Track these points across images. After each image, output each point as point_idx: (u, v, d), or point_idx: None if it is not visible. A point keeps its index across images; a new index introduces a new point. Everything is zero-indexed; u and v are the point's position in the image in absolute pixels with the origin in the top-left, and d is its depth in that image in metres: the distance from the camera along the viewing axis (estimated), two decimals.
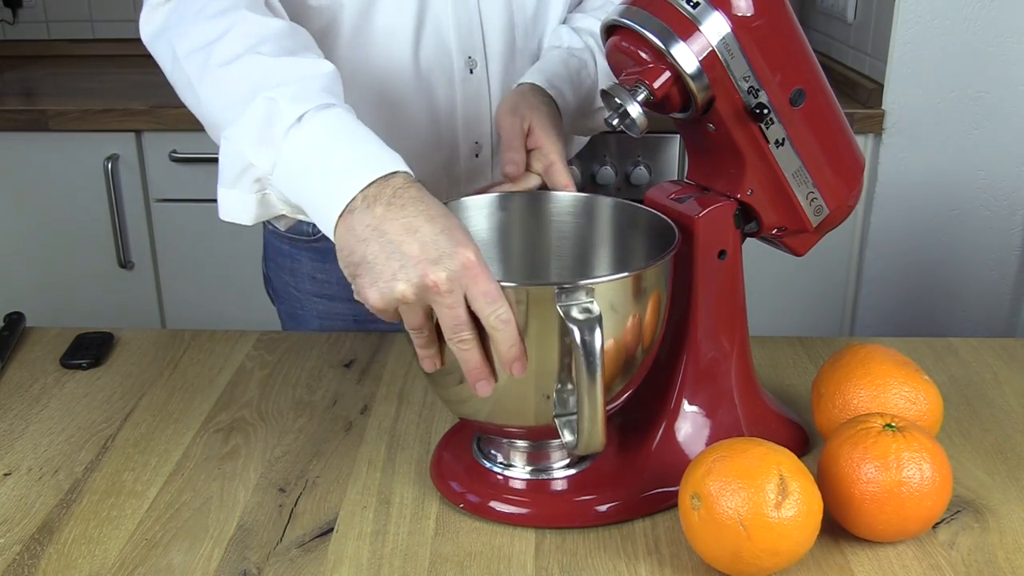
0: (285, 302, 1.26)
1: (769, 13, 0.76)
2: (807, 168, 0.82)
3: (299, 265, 1.20)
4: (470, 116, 1.09)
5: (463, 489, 0.81)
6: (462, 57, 1.06)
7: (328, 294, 1.20)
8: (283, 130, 0.76)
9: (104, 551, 0.77)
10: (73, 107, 1.92)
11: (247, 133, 0.78)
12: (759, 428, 0.86)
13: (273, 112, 0.77)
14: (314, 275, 1.19)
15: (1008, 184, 1.91)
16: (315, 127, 0.76)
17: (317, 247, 1.17)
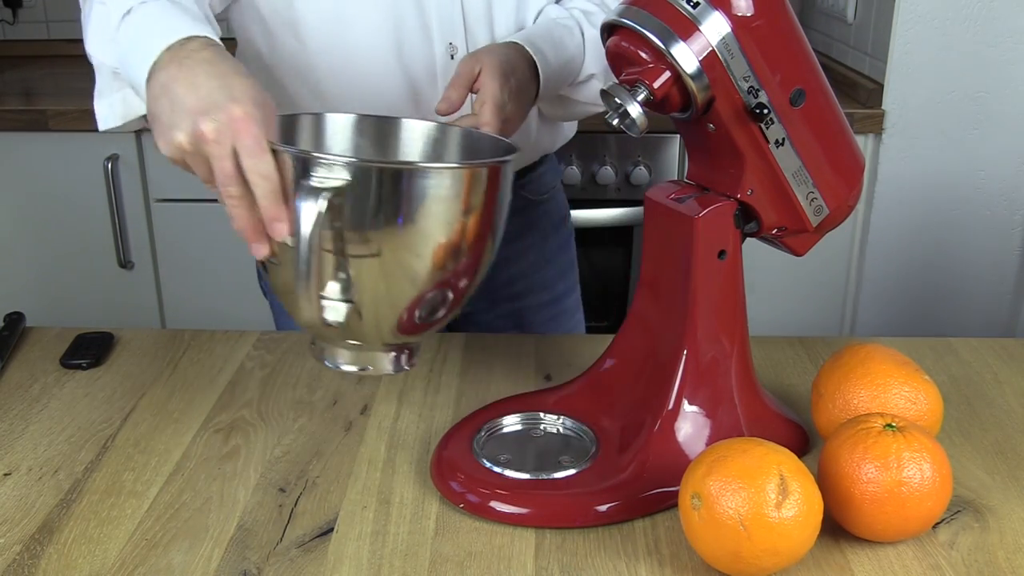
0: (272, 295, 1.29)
1: (769, 13, 0.76)
2: (807, 168, 0.82)
3: None
4: None
5: (463, 489, 0.81)
6: (443, 44, 1.08)
7: None
8: (116, 23, 0.84)
9: (104, 551, 0.77)
10: (73, 107, 1.92)
11: (95, 38, 0.86)
12: (759, 428, 0.86)
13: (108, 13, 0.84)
14: None
15: (1008, 184, 1.91)
16: (139, 16, 0.83)
17: None
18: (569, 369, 1.03)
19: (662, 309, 0.86)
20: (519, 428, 0.89)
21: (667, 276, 0.85)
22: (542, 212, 1.28)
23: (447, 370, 1.04)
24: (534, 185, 1.25)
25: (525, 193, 1.24)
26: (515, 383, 1.01)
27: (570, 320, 1.33)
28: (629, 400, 0.88)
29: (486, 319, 1.28)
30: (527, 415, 0.90)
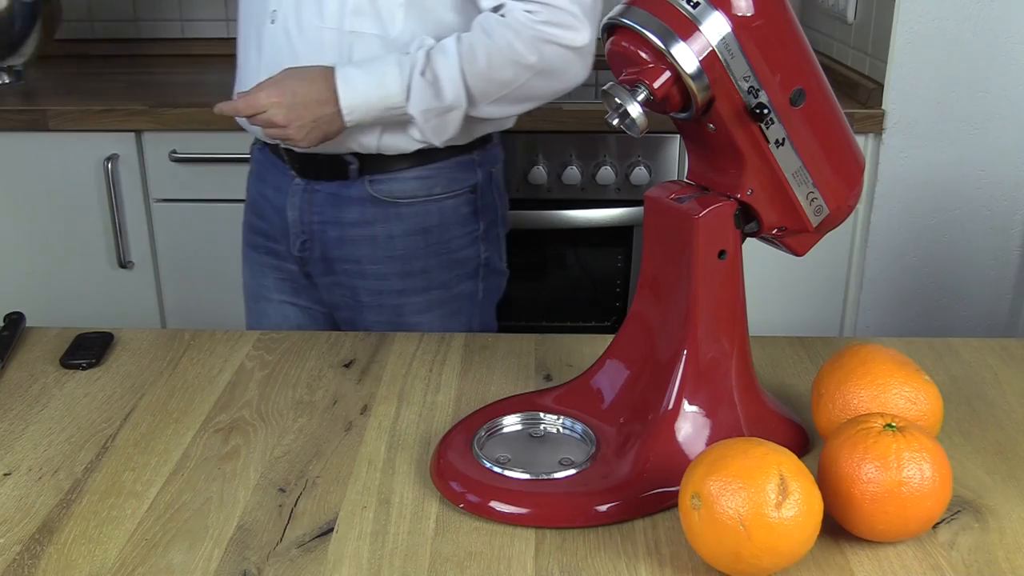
0: None
1: (769, 13, 0.76)
2: (807, 168, 0.82)
3: None
4: None
5: (463, 489, 0.81)
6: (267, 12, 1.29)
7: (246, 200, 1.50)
8: None
9: (104, 551, 0.77)
10: (73, 107, 1.92)
11: None
12: (759, 428, 0.86)
13: None
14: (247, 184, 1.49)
15: (1008, 184, 1.91)
16: None
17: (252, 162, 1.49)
18: (569, 369, 1.03)
19: (662, 309, 0.86)
20: (519, 428, 0.89)
21: (667, 276, 0.85)
22: (391, 214, 1.35)
23: (447, 370, 1.04)
24: (385, 186, 1.34)
25: (371, 190, 1.34)
26: (515, 383, 1.01)
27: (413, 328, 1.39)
28: (629, 400, 0.88)
29: (324, 282, 1.41)
30: (527, 415, 0.90)
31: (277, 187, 1.40)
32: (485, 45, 1.22)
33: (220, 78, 2.31)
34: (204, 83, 2.27)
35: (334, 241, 1.37)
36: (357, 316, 1.43)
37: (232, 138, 1.95)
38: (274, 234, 1.43)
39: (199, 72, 2.32)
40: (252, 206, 1.47)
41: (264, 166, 1.43)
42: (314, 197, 1.36)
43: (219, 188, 1.99)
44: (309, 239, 1.39)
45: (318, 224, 1.37)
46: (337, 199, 1.35)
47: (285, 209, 1.39)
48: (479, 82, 1.24)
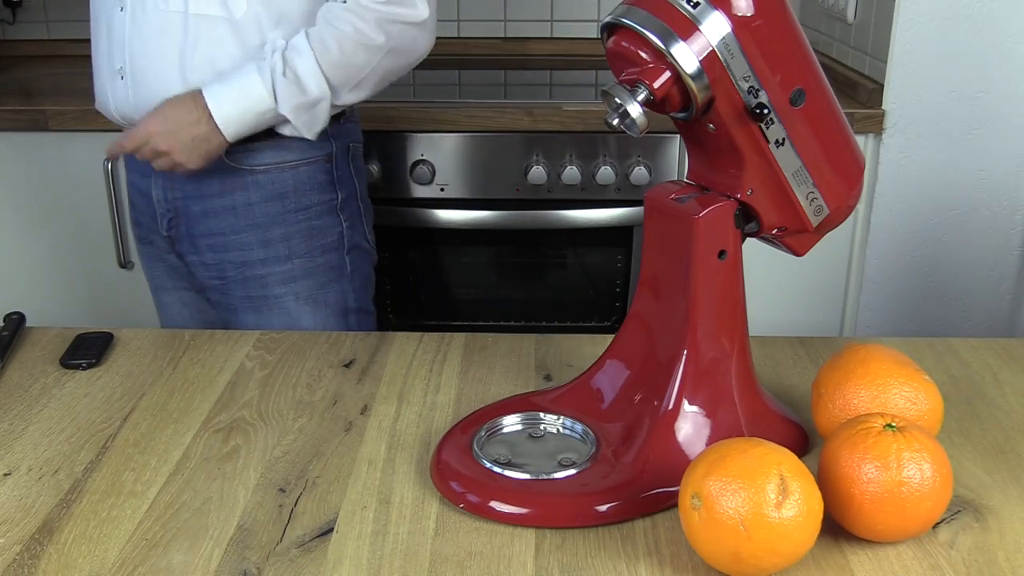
0: None
1: (769, 13, 0.76)
2: (807, 168, 0.82)
3: None
4: None
5: (463, 489, 0.81)
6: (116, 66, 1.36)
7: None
8: None
9: (104, 551, 0.77)
10: (73, 107, 1.92)
11: None
12: (759, 428, 0.86)
13: None
14: None
15: (1008, 184, 1.91)
16: None
17: None
18: (569, 369, 1.03)
19: (662, 309, 0.86)
20: (519, 428, 0.89)
21: (667, 276, 0.85)
22: (249, 182, 1.41)
23: (447, 370, 1.04)
24: (237, 156, 1.38)
25: (227, 160, 1.38)
26: (515, 383, 1.01)
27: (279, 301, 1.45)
28: (629, 400, 0.88)
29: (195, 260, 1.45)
30: (527, 415, 0.90)
31: (142, 172, 1.45)
32: (334, 35, 1.30)
33: None
34: None
35: (197, 215, 1.42)
36: (226, 295, 1.46)
37: None
38: (147, 221, 1.49)
39: None
40: (129, 199, 1.54)
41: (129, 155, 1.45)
42: (173, 175, 1.40)
43: None
44: (174, 216, 1.44)
45: (181, 200, 1.42)
46: (195, 174, 1.39)
47: (149, 192, 1.45)
48: (336, 71, 1.32)
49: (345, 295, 1.49)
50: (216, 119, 1.31)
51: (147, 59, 1.34)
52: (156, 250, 1.52)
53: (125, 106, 1.38)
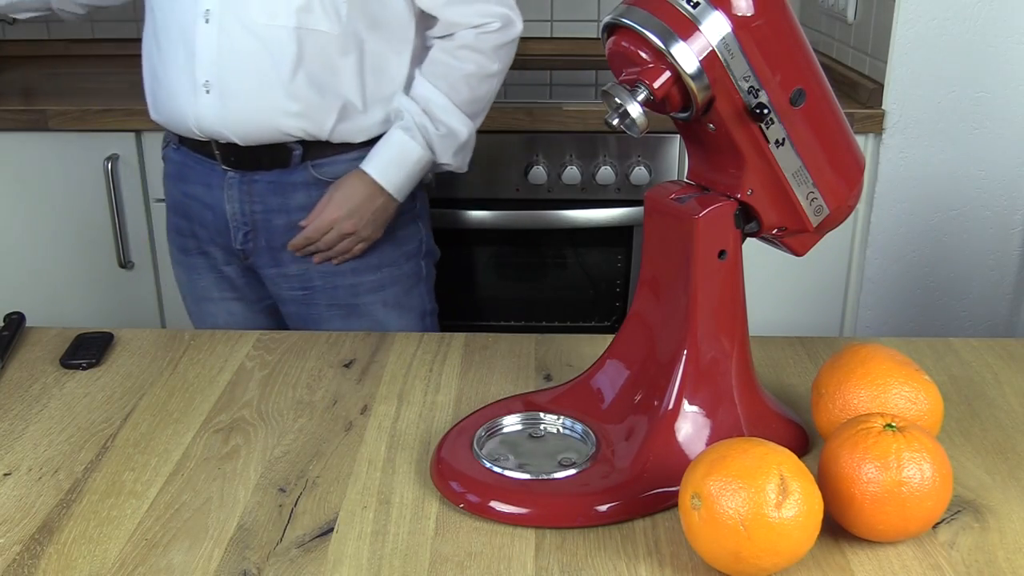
0: None
1: (769, 13, 0.76)
2: (807, 168, 0.82)
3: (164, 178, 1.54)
4: None
5: (463, 489, 0.81)
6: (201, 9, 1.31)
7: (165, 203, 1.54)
8: None
9: (104, 551, 0.77)
10: (73, 107, 1.92)
11: None
12: (759, 428, 0.86)
13: None
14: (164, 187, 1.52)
15: (1008, 184, 1.91)
16: None
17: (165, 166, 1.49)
18: (569, 369, 1.03)
19: (662, 309, 0.86)
20: (519, 428, 0.89)
21: (667, 276, 0.85)
22: None
23: (447, 370, 1.04)
24: (329, 169, 1.40)
25: (316, 173, 1.40)
26: (515, 383, 1.01)
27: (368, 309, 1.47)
28: (629, 400, 0.88)
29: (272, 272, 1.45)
30: (527, 415, 0.90)
31: (206, 184, 1.42)
32: (461, 74, 1.38)
33: None
34: None
35: (281, 228, 1.41)
36: (308, 305, 1.45)
37: None
38: (204, 234, 1.46)
39: None
40: (176, 209, 1.50)
41: (185, 166, 1.45)
42: (253, 188, 1.39)
43: None
44: (252, 230, 1.42)
45: (261, 214, 1.41)
46: (279, 187, 1.39)
47: (220, 204, 1.42)
48: (470, 106, 1.40)
49: (423, 298, 1.52)
50: (389, 189, 1.37)
51: (243, 73, 1.32)
52: (209, 261, 1.50)
53: (211, 120, 1.35)
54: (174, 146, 1.46)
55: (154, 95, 1.41)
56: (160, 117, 1.42)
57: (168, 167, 1.49)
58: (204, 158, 1.41)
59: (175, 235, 1.52)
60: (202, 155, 1.41)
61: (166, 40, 1.36)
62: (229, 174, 1.40)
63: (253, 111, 1.33)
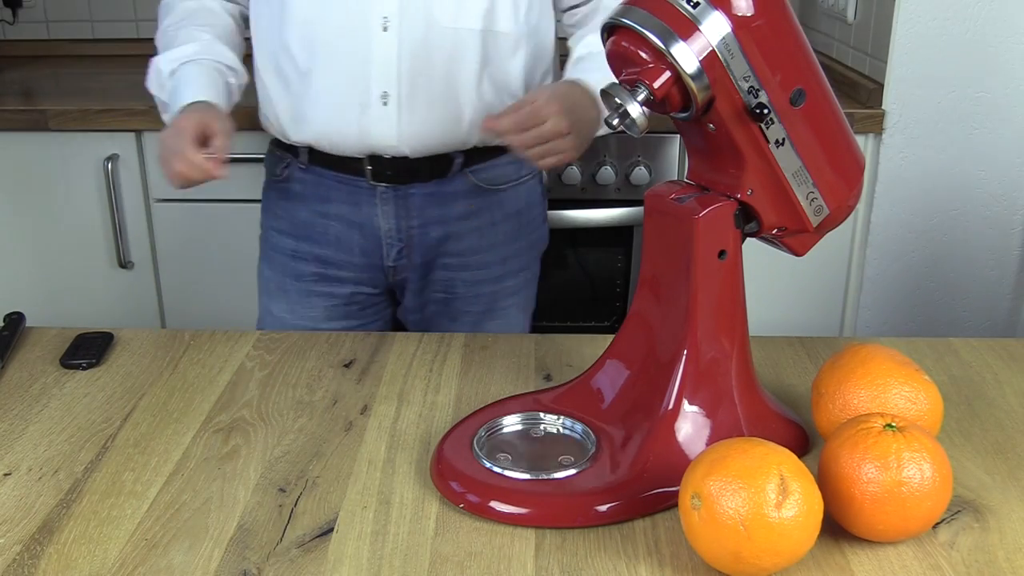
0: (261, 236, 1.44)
1: (769, 13, 0.76)
2: (807, 168, 0.82)
3: (269, 203, 1.42)
4: None
5: (463, 489, 0.81)
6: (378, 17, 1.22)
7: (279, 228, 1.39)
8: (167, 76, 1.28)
9: (104, 551, 0.77)
10: (73, 107, 1.92)
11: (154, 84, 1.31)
12: (759, 428, 0.86)
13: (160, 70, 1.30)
14: (275, 211, 1.40)
15: (1008, 184, 1.91)
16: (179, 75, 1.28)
17: (281, 187, 1.38)
18: (569, 369, 1.03)
19: (662, 309, 0.86)
20: (519, 428, 0.89)
21: (667, 276, 0.85)
22: (493, 201, 1.37)
23: (447, 370, 1.04)
24: (486, 174, 1.34)
25: (475, 179, 1.33)
26: (515, 383, 1.01)
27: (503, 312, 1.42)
28: (629, 400, 0.88)
29: (418, 286, 1.38)
30: (527, 415, 0.90)
31: (353, 202, 1.33)
32: None
33: None
34: None
35: (436, 241, 1.34)
36: (443, 313, 1.41)
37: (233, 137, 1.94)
38: (341, 256, 1.36)
39: None
40: (298, 232, 1.37)
41: (321, 186, 1.34)
42: (409, 201, 1.32)
43: (219, 188, 1.98)
44: (406, 246, 1.34)
45: (418, 228, 1.33)
46: (438, 198, 1.32)
47: (371, 222, 1.33)
48: None
49: (536, 298, 1.49)
50: (600, 108, 1.19)
51: (428, 81, 1.25)
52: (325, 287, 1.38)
53: (385, 135, 1.26)
54: (301, 166, 1.34)
55: (296, 113, 1.29)
56: (304, 136, 1.30)
57: (293, 188, 1.36)
58: (346, 175, 1.31)
59: (290, 261, 1.38)
60: (344, 172, 1.31)
61: (325, 54, 1.25)
62: (380, 189, 1.31)
63: (437, 120, 1.26)
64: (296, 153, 1.34)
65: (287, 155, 1.36)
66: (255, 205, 2.12)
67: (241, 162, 2.01)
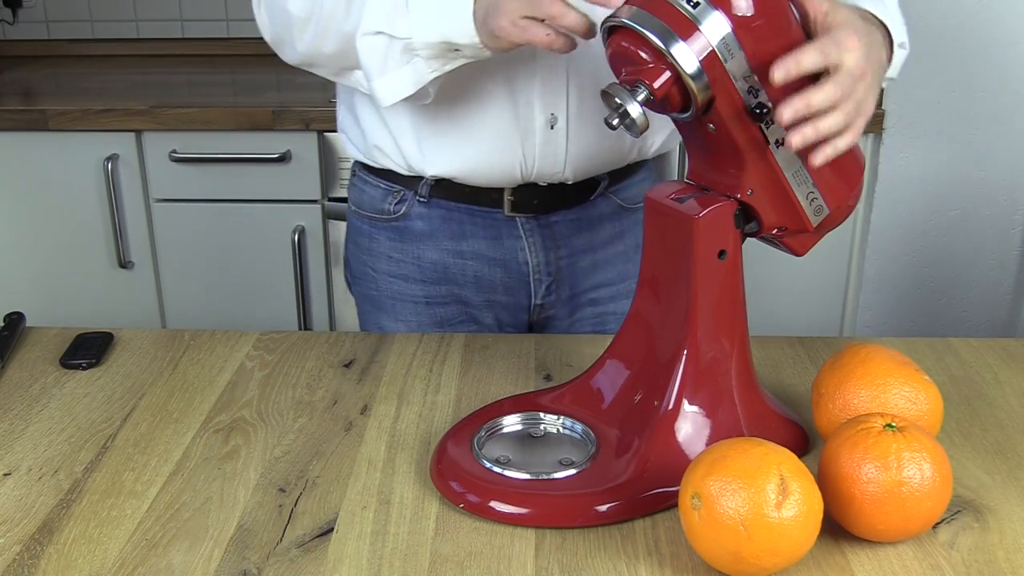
0: (362, 283, 1.27)
1: (769, 13, 0.76)
2: (807, 168, 0.82)
3: (377, 245, 1.22)
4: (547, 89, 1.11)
5: (463, 489, 0.81)
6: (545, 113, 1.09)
7: (402, 274, 1.22)
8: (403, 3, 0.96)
9: (104, 551, 0.77)
10: (73, 107, 1.92)
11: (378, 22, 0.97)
12: (759, 428, 0.86)
13: None
14: (390, 255, 1.22)
15: (1008, 184, 1.91)
16: None
17: (395, 226, 1.20)
18: (569, 369, 1.03)
19: (662, 309, 0.86)
20: (519, 428, 0.89)
21: (667, 276, 0.85)
22: (637, 221, 1.22)
23: (447, 370, 1.04)
24: (628, 192, 1.23)
25: (618, 199, 1.21)
26: (515, 383, 1.01)
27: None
28: (629, 400, 0.88)
29: (566, 324, 1.25)
30: (527, 415, 0.90)
31: (493, 237, 1.18)
32: None
33: (220, 78, 2.32)
34: (204, 83, 2.27)
35: (585, 271, 1.22)
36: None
37: (233, 138, 1.95)
38: (479, 297, 1.22)
39: (199, 72, 2.32)
40: (430, 276, 1.21)
41: (449, 223, 1.18)
42: (555, 231, 1.18)
43: (219, 188, 1.99)
44: (555, 280, 1.21)
45: (566, 259, 1.20)
46: (583, 223, 1.20)
47: (515, 257, 1.19)
48: None
49: None
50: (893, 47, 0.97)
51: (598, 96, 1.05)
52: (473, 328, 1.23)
53: (549, 161, 1.12)
54: (420, 199, 1.17)
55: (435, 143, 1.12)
56: (440, 168, 1.13)
57: (414, 226, 1.19)
58: (481, 207, 1.17)
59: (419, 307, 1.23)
60: (478, 204, 1.17)
61: (488, 81, 1.08)
62: (521, 220, 1.17)
63: (604, 138, 1.12)
64: (412, 185, 1.17)
65: (399, 188, 1.18)
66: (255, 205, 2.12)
67: (241, 162, 2.02)
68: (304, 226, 2.01)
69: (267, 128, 1.92)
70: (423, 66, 0.97)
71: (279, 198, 2.00)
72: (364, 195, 1.22)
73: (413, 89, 0.99)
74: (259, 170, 1.98)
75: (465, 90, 1.09)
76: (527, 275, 1.20)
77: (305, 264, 2.03)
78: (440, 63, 0.97)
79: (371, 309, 1.26)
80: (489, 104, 1.09)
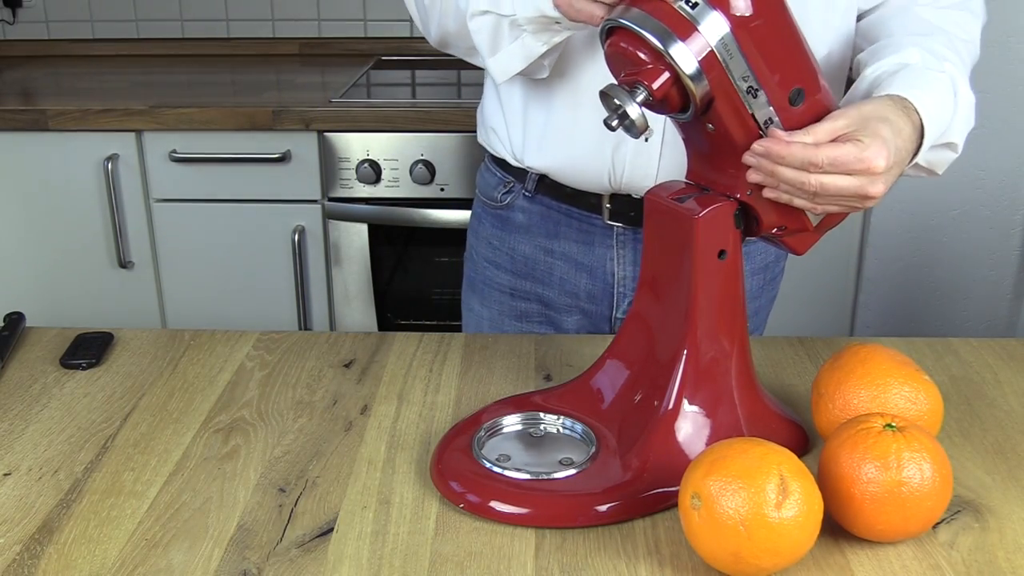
0: (467, 262, 1.31)
1: (768, 13, 0.76)
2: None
3: (483, 229, 1.26)
4: None
5: (463, 489, 0.81)
6: None
7: (496, 262, 1.24)
8: None
9: (104, 551, 0.77)
10: (73, 107, 1.93)
11: None
12: (759, 428, 0.86)
13: None
14: (490, 241, 1.25)
15: (1008, 184, 1.91)
16: None
17: (500, 215, 1.23)
18: (569, 369, 1.03)
19: (662, 309, 0.86)
20: (519, 428, 0.89)
21: (667, 276, 0.85)
22: None
23: (447, 370, 1.04)
24: None
25: None
26: (515, 383, 1.01)
27: None
28: (629, 400, 0.88)
29: None
30: (527, 415, 0.90)
31: (586, 242, 1.17)
32: None
33: (220, 78, 2.32)
34: (204, 83, 2.27)
35: None
36: None
37: (233, 138, 1.95)
38: (563, 300, 1.21)
39: (199, 72, 2.32)
40: (519, 269, 1.22)
41: (548, 219, 1.18)
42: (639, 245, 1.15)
43: (219, 188, 1.99)
44: None
45: None
46: None
47: (603, 266, 1.17)
48: None
49: None
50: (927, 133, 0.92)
51: None
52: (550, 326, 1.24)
53: (640, 173, 1.08)
54: (526, 193, 1.18)
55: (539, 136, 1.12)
56: (542, 162, 1.13)
57: (515, 218, 1.20)
58: (578, 210, 1.16)
59: (504, 297, 1.25)
60: (576, 206, 1.16)
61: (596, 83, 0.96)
62: (617, 230, 1.14)
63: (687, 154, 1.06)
64: (522, 178, 1.18)
65: (511, 179, 1.20)
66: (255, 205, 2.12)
67: (241, 162, 2.02)
68: (304, 226, 2.01)
69: (267, 128, 1.92)
70: (531, 40, 0.98)
71: (279, 198, 2.00)
72: (484, 180, 1.26)
73: (523, 64, 1.01)
74: (259, 170, 1.98)
75: (575, 86, 1.08)
76: (612, 285, 1.18)
77: (305, 264, 2.04)
78: (547, 36, 0.97)
79: (468, 287, 1.30)
80: (589, 106, 1.06)
